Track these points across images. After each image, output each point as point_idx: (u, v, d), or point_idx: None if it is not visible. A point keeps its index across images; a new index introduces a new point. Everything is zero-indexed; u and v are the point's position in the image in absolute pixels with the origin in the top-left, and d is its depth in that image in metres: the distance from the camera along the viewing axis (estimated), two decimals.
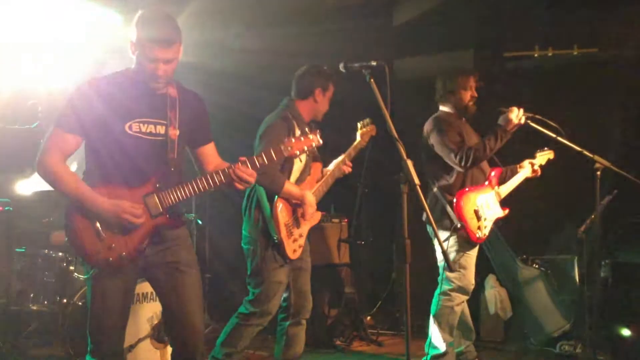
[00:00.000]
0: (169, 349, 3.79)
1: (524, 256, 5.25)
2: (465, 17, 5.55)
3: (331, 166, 3.84)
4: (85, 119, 2.62)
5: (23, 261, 4.05)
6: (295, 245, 3.55)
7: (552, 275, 5.17)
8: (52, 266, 4.05)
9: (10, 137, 4.23)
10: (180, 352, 2.83)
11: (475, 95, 4.17)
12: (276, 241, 3.46)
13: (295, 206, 3.58)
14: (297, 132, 3.54)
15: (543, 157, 4.39)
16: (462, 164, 3.94)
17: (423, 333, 5.07)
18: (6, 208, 3.94)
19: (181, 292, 2.75)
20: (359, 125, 3.86)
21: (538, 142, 4.27)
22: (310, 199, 3.57)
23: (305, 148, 2.76)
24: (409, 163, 2.45)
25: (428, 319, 4.16)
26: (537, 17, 5.35)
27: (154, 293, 3.77)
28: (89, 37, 4.82)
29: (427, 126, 4.15)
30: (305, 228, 3.65)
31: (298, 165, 3.61)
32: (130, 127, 2.66)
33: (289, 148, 2.73)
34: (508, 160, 4.36)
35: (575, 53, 5.44)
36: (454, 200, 3.99)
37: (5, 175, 4.35)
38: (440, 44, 5.70)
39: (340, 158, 3.67)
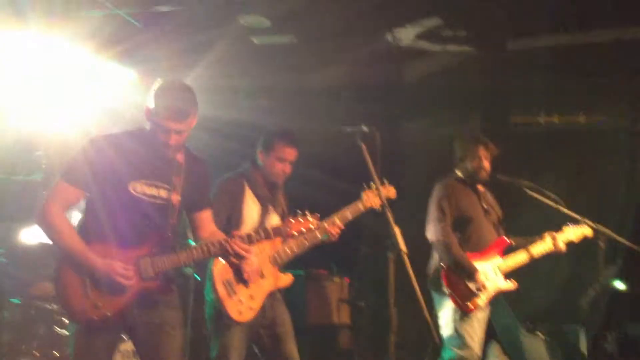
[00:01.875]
0: None
1: (529, 324, 5.12)
2: (472, 82, 5.62)
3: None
4: (92, 172, 2.66)
5: (15, 312, 4.02)
6: (242, 307, 3.32)
7: (558, 345, 5.02)
8: (45, 318, 4.02)
9: (13, 187, 4.28)
10: None
11: (486, 165, 4.15)
12: (210, 300, 3.34)
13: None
14: (248, 195, 3.47)
15: (575, 231, 4.16)
16: (430, 238, 4.01)
17: None
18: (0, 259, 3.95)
19: (163, 353, 2.72)
20: (370, 185, 3.51)
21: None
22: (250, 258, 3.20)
23: (303, 229, 2.84)
24: (397, 230, 2.43)
25: None
26: (543, 83, 5.40)
27: None
28: (101, 92, 4.93)
29: (434, 190, 4.17)
30: (258, 290, 3.39)
31: (251, 221, 3.45)
32: (134, 188, 2.69)
33: (288, 228, 2.82)
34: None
35: (580, 120, 5.46)
36: (444, 266, 3.95)
37: (7, 225, 4.39)
38: (447, 109, 5.76)
39: (325, 221, 3.44)
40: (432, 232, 4.05)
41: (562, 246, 4.14)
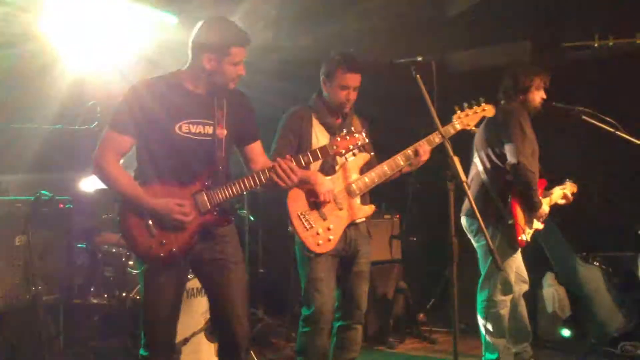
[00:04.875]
0: None
1: (584, 253, 5.09)
2: (522, 7, 5.39)
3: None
4: (138, 118, 2.72)
5: (84, 256, 4.22)
6: (320, 238, 3.34)
7: (614, 273, 4.99)
8: (111, 261, 4.20)
9: (71, 136, 4.39)
10: (225, 345, 2.91)
11: (545, 96, 4.00)
12: (290, 233, 3.40)
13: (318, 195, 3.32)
14: (316, 124, 3.47)
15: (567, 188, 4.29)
16: (512, 159, 3.76)
17: (477, 331, 5.00)
18: (67, 205, 4.11)
19: (228, 287, 2.83)
20: (463, 106, 3.47)
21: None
22: (318, 179, 3.30)
23: (351, 147, 2.81)
24: (456, 160, 2.41)
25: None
26: (596, 4, 5.14)
27: None
28: (145, 38, 4.94)
29: (499, 117, 3.81)
30: (336, 220, 3.38)
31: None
32: (180, 128, 2.75)
33: (334, 147, 2.80)
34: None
35: (637, 42, 5.19)
36: (510, 196, 3.86)
37: (67, 173, 4.54)
38: (496, 34, 5.56)
39: (409, 149, 3.40)
40: (515, 153, 3.74)
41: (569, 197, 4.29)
